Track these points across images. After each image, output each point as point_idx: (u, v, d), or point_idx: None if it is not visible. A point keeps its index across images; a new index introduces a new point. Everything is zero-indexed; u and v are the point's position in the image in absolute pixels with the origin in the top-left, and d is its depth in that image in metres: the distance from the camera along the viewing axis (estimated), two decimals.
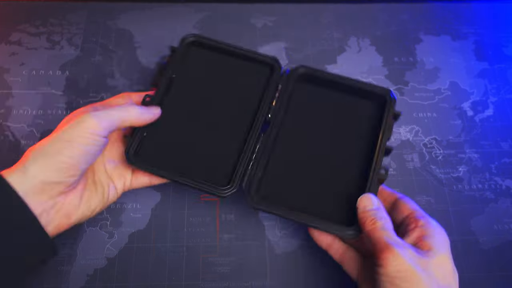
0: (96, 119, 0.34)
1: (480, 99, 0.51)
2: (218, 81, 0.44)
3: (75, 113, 0.36)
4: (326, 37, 0.54)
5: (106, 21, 0.54)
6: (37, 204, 0.32)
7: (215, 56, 0.45)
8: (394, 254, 0.30)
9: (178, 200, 0.44)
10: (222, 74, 0.44)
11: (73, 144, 0.33)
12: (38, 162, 0.32)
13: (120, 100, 0.40)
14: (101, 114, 0.34)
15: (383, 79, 0.51)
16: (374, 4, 0.57)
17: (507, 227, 0.44)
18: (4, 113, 0.48)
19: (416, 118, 0.49)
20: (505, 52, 0.54)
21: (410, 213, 0.35)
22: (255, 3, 0.56)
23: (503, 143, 0.48)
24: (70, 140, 0.33)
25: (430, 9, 0.57)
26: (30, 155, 0.33)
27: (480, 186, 0.46)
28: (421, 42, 0.54)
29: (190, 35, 0.45)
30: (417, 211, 0.35)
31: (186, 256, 0.42)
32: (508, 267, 0.42)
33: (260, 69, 0.44)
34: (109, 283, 0.40)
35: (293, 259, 0.42)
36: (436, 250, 0.32)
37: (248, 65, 0.45)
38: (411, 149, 0.47)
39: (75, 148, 0.33)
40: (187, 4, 0.56)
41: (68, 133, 0.33)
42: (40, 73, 0.51)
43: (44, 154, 0.33)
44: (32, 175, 0.32)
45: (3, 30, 0.53)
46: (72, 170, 0.33)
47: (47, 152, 0.33)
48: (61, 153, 0.33)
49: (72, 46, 0.52)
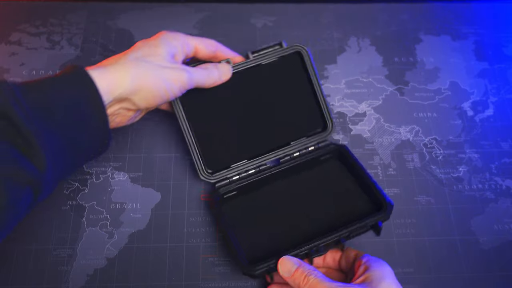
0: (188, 80, 0.38)
1: (480, 99, 0.51)
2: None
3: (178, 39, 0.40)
4: (326, 37, 0.54)
5: (106, 21, 0.54)
6: (110, 106, 0.35)
7: None
8: None
9: (178, 200, 0.44)
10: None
11: (170, 87, 0.37)
12: (135, 84, 0.34)
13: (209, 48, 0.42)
14: (195, 76, 0.39)
15: (383, 79, 0.51)
16: (374, 4, 0.57)
17: (507, 227, 0.44)
18: None
19: (416, 118, 0.49)
20: (505, 52, 0.54)
21: (355, 256, 0.38)
22: (255, 3, 0.56)
23: (503, 143, 0.48)
24: (168, 80, 0.36)
25: (430, 9, 0.57)
26: (133, 65, 0.35)
27: (480, 186, 0.46)
28: (421, 42, 0.54)
29: None
30: (359, 253, 0.37)
31: (186, 256, 0.42)
32: (508, 267, 0.42)
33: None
34: (109, 283, 0.40)
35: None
36: (377, 281, 0.33)
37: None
38: (411, 149, 0.47)
39: (169, 92, 0.37)
40: (187, 4, 0.56)
41: (168, 75, 0.36)
42: (40, 73, 0.51)
43: (145, 77, 0.35)
44: (124, 89, 0.34)
45: (3, 30, 0.53)
46: (152, 104, 0.37)
47: (147, 80, 0.35)
48: (157, 88, 0.36)
49: (72, 46, 0.52)
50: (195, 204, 0.44)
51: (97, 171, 0.45)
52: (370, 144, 0.48)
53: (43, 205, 0.43)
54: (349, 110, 0.50)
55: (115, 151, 0.46)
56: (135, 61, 0.35)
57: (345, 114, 0.49)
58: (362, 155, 0.47)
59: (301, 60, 0.45)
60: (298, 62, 0.45)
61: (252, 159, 0.44)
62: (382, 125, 0.49)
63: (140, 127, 0.47)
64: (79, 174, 0.45)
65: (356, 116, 0.49)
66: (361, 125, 0.49)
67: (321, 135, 0.45)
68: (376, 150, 0.47)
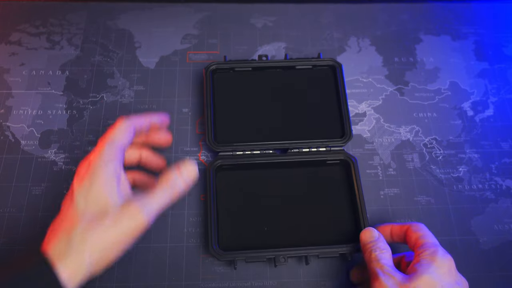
0: (146, 218, 0.33)
1: (480, 99, 0.51)
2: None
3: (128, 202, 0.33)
4: (326, 37, 0.54)
5: (106, 21, 0.54)
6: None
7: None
8: (379, 283, 0.33)
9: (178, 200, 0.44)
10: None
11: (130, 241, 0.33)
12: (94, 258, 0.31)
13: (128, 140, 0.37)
14: (156, 208, 0.34)
15: (383, 79, 0.51)
16: (374, 4, 0.57)
17: (507, 227, 0.44)
18: (4, 113, 0.48)
19: (416, 118, 0.49)
20: (505, 52, 0.54)
21: (418, 239, 0.36)
22: (255, 3, 0.56)
23: (503, 143, 0.48)
24: (123, 240, 0.32)
25: (430, 9, 0.57)
26: (87, 247, 0.31)
27: (481, 186, 0.46)
28: (421, 42, 0.54)
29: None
30: (423, 237, 0.36)
31: (186, 256, 0.42)
32: (508, 267, 0.42)
33: None
34: (109, 283, 0.40)
35: (293, 259, 0.42)
36: (419, 273, 0.33)
37: None
38: (411, 149, 0.47)
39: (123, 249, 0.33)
40: (187, 4, 0.56)
41: (122, 232, 0.32)
42: (40, 73, 0.51)
43: (101, 250, 0.31)
44: (83, 271, 0.31)
45: (3, 30, 0.53)
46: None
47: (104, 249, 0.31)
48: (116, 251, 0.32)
49: (72, 46, 0.52)
50: (195, 204, 0.44)
51: None
52: (370, 144, 0.48)
53: (43, 205, 0.43)
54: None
55: None
56: (86, 245, 0.31)
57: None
58: (362, 155, 0.47)
59: (333, 74, 0.48)
60: (331, 75, 0.49)
61: (261, 142, 0.45)
62: (382, 125, 0.49)
63: None
64: None
65: (356, 116, 0.49)
66: (361, 125, 0.49)
67: (337, 142, 0.45)
68: (376, 150, 0.47)
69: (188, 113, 0.49)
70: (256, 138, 0.45)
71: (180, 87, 0.50)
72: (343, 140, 0.45)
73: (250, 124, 0.46)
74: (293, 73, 0.49)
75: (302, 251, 0.39)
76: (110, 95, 0.49)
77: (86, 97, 0.49)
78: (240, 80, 0.48)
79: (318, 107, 0.47)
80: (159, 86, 0.50)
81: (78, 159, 0.45)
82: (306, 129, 0.46)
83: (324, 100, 0.47)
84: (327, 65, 0.49)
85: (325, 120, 0.46)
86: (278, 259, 0.39)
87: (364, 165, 0.46)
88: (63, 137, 0.47)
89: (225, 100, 0.47)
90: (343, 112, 0.46)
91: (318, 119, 0.47)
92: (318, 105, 0.47)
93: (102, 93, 0.49)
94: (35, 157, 0.46)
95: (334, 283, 0.41)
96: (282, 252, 0.39)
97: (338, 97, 0.47)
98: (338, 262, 0.41)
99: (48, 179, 0.44)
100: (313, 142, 0.45)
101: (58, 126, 0.47)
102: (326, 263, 0.41)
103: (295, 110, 0.47)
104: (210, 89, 0.46)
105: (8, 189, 0.44)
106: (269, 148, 0.44)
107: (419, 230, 0.37)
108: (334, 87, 0.48)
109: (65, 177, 0.45)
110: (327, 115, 0.47)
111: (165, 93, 0.50)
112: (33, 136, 0.47)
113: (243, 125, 0.46)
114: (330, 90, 0.48)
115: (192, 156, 0.46)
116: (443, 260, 0.34)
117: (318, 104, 0.47)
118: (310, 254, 0.39)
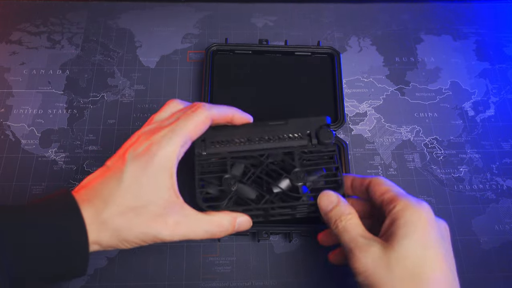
0: (173, 238, 0.31)
1: (481, 99, 0.50)
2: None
3: None
4: (327, 36, 0.54)
5: (106, 20, 0.54)
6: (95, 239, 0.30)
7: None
8: (358, 261, 0.29)
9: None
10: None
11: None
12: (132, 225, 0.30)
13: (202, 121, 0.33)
14: (180, 233, 0.31)
15: (384, 79, 0.51)
16: (375, 4, 0.57)
17: (508, 227, 0.43)
18: (5, 112, 0.48)
19: (417, 118, 0.49)
20: (506, 52, 0.54)
21: (382, 195, 0.32)
22: (256, 3, 0.56)
23: (504, 143, 0.48)
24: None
25: (431, 9, 0.57)
26: (128, 209, 0.30)
27: (481, 186, 0.45)
28: (422, 42, 0.54)
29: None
30: (388, 192, 0.32)
31: (186, 256, 0.42)
32: (509, 268, 0.42)
33: None
34: (109, 283, 0.40)
35: (293, 259, 0.42)
36: (400, 239, 0.28)
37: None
38: (412, 149, 0.47)
39: None
40: (187, 3, 0.56)
41: (146, 234, 0.31)
42: (41, 73, 0.50)
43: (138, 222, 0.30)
44: (114, 233, 0.30)
45: (4, 29, 0.53)
46: None
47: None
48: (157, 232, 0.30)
49: (73, 45, 0.52)
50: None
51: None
52: (371, 144, 0.48)
53: None
54: (350, 110, 0.49)
55: None
56: (115, 228, 0.29)
57: (346, 114, 0.49)
58: (362, 155, 0.47)
59: (331, 61, 0.49)
60: (329, 62, 0.50)
61: None
62: (383, 125, 0.49)
63: None
64: (80, 174, 0.45)
65: (357, 116, 0.49)
66: (362, 125, 0.49)
67: (330, 125, 0.44)
68: (377, 150, 0.47)
69: None
70: None
71: (180, 87, 0.50)
72: (336, 124, 0.46)
73: (246, 104, 0.45)
74: (292, 59, 0.50)
75: (285, 228, 0.40)
76: (111, 95, 0.49)
77: (86, 96, 0.49)
78: (239, 62, 0.49)
79: (314, 92, 0.48)
80: (159, 85, 0.50)
81: (78, 158, 0.45)
82: (300, 112, 0.47)
83: (320, 86, 0.49)
84: (325, 52, 0.50)
85: (319, 105, 0.48)
86: (261, 234, 0.40)
87: (365, 165, 0.46)
88: (63, 137, 0.47)
89: (223, 80, 0.48)
90: (337, 98, 0.47)
91: (313, 103, 0.48)
92: (314, 90, 0.48)
93: (102, 93, 0.49)
94: (35, 157, 0.46)
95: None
96: (265, 227, 0.40)
97: (334, 84, 0.48)
98: None
99: (49, 178, 0.44)
100: None
101: (59, 125, 0.47)
102: None
103: (291, 94, 0.48)
104: (209, 69, 0.47)
105: (8, 188, 0.44)
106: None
107: (383, 184, 0.33)
108: (331, 74, 0.49)
109: (66, 177, 0.45)
110: (322, 100, 0.48)
111: (165, 92, 0.50)
112: (34, 135, 0.47)
113: (239, 104, 0.45)
114: (327, 77, 0.49)
115: None
116: (419, 212, 0.29)
117: (314, 90, 0.48)
118: (293, 231, 0.40)
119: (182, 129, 0.31)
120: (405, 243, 0.28)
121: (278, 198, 0.35)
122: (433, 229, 0.29)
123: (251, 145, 0.37)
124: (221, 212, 0.33)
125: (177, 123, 0.32)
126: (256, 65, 0.49)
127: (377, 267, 0.28)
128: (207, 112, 0.33)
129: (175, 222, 0.30)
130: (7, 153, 0.46)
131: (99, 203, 0.29)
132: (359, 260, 0.29)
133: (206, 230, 0.31)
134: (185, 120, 0.32)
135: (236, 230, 0.33)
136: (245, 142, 0.37)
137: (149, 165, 0.30)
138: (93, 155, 0.46)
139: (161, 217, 0.30)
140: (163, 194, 0.30)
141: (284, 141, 0.37)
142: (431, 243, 0.29)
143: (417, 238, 0.28)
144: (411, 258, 0.28)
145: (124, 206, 0.29)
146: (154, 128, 0.32)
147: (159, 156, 0.30)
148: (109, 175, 0.30)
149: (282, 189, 0.35)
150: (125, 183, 0.30)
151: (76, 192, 0.30)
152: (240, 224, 0.33)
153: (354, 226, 0.31)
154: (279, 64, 0.49)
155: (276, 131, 0.37)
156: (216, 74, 0.48)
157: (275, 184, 0.35)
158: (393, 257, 0.28)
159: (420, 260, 0.28)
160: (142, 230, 0.30)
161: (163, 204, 0.30)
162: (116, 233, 0.29)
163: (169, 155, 0.30)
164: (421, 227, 0.29)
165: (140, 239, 0.30)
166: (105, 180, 0.30)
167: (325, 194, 0.33)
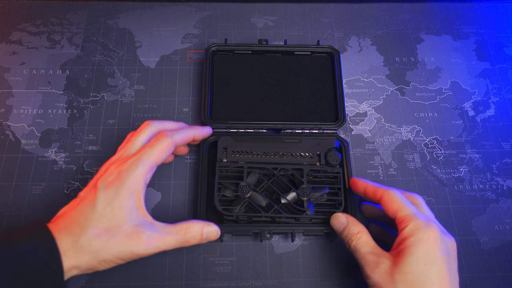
0: (149, 252, 0.35)
1: (482, 99, 0.50)
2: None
3: None
4: (327, 36, 0.54)
5: (106, 20, 0.54)
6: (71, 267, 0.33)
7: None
8: (367, 276, 0.33)
9: (178, 200, 0.44)
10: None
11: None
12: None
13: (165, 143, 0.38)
14: (155, 246, 0.35)
15: (384, 79, 0.51)
16: (375, 3, 0.57)
17: (508, 227, 0.43)
18: (5, 112, 0.48)
19: (417, 118, 0.49)
20: (507, 52, 0.54)
21: (395, 213, 0.35)
22: (256, 3, 0.56)
23: (504, 143, 0.48)
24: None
25: (431, 9, 0.57)
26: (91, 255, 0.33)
27: (481, 186, 0.45)
28: (422, 42, 0.54)
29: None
30: (400, 211, 0.35)
31: (186, 256, 0.42)
32: (509, 268, 0.42)
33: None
34: (109, 283, 0.40)
35: (293, 259, 0.42)
36: (406, 256, 0.32)
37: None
38: (412, 149, 0.47)
39: None
40: (187, 3, 0.56)
41: (123, 252, 0.34)
42: (41, 73, 0.50)
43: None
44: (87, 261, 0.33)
45: (4, 29, 0.53)
46: None
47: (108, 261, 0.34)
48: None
49: (73, 45, 0.52)
50: (195, 204, 0.44)
51: (97, 171, 0.45)
52: (371, 144, 0.48)
53: (44, 204, 0.43)
54: (350, 110, 0.49)
55: None
56: (92, 250, 0.33)
57: (346, 114, 0.49)
58: (363, 155, 0.47)
59: (331, 61, 0.49)
60: (328, 62, 0.49)
61: (256, 122, 0.45)
62: (383, 125, 0.49)
63: None
64: (80, 174, 0.45)
65: (357, 116, 0.49)
66: (362, 125, 0.49)
67: (330, 125, 0.45)
68: (377, 150, 0.47)
69: (189, 112, 0.48)
70: (251, 117, 0.46)
71: (180, 87, 0.50)
72: (337, 124, 0.45)
73: (246, 104, 0.47)
74: (292, 58, 0.50)
75: (288, 228, 0.40)
76: (111, 95, 0.49)
77: (86, 96, 0.49)
78: (239, 62, 0.49)
79: (314, 91, 0.48)
80: (159, 85, 0.50)
81: (78, 158, 0.45)
82: (301, 112, 0.47)
83: (320, 85, 0.48)
84: (325, 52, 0.49)
85: (320, 104, 0.47)
86: (264, 234, 0.39)
87: (365, 165, 0.46)
88: (63, 137, 0.47)
89: (223, 80, 0.48)
90: (338, 97, 0.47)
91: (313, 102, 0.47)
92: (314, 89, 0.48)
93: (102, 93, 0.49)
94: (35, 157, 0.46)
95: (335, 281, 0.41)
96: (268, 227, 0.40)
97: (334, 83, 0.48)
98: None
99: (49, 178, 0.44)
100: (306, 124, 0.45)
101: (59, 125, 0.47)
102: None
103: (291, 93, 0.48)
104: (209, 69, 0.47)
105: (8, 188, 0.44)
106: (263, 128, 0.45)
107: (395, 201, 0.35)
108: (331, 73, 0.49)
109: (66, 177, 0.45)
110: (322, 99, 0.48)
111: (165, 92, 0.50)
112: (34, 135, 0.47)
113: (239, 104, 0.47)
114: (327, 76, 0.49)
115: (192, 155, 0.46)
116: (427, 233, 0.32)
117: (314, 89, 0.48)
118: (295, 231, 0.40)
119: (147, 157, 0.36)
120: (409, 260, 0.32)
121: (284, 207, 0.41)
122: (438, 247, 0.32)
123: (266, 158, 0.42)
124: (189, 222, 0.37)
125: (142, 152, 0.36)
126: (256, 65, 0.49)
127: (384, 281, 0.32)
128: (169, 139, 0.37)
129: (148, 237, 0.34)
130: (7, 153, 0.46)
131: (76, 229, 0.33)
132: (369, 276, 0.33)
133: (176, 238, 0.35)
134: (150, 149, 0.36)
135: (205, 240, 0.37)
136: (261, 155, 0.42)
137: (119, 190, 0.34)
138: (93, 155, 0.46)
139: (135, 234, 0.34)
140: (134, 215, 0.34)
141: (296, 158, 0.42)
142: (434, 261, 0.32)
143: (421, 256, 0.32)
144: (414, 273, 0.31)
145: (99, 229, 0.33)
146: (122, 159, 0.37)
147: (128, 181, 0.34)
148: (83, 203, 0.34)
149: (288, 201, 0.40)
150: (98, 209, 0.33)
151: (53, 222, 0.34)
152: (208, 233, 0.37)
153: (363, 244, 0.35)
154: (279, 64, 0.49)
155: (290, 148, 0.43)
156: (216, 74, 0.48)
157: (283, 196, 0.40)
158: (398, 272, 0.32)
159: (422, 276, 0.31)
160: (119, 249, 0.33)
161: (135, 223, 0.34)
162: (94, 255, 0.33)
163: (137, 180, 0.35)
164: (426, 246, 0.32)
165: (118, 257, 0.33)
166: (80, 208, 0.34)
167: (336, 216, 0.38)
